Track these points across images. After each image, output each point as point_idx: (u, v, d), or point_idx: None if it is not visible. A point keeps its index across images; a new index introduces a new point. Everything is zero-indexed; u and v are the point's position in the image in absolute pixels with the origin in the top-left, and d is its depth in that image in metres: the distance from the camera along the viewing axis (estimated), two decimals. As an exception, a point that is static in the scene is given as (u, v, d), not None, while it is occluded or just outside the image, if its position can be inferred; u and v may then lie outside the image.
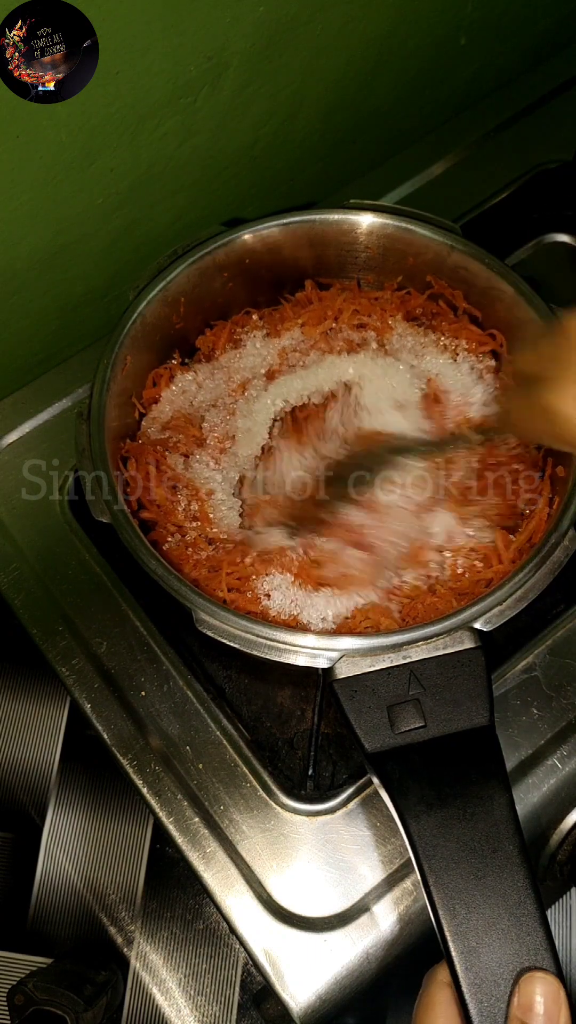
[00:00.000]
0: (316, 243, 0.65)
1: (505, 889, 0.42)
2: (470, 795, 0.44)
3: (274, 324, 0.67)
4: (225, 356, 0.66)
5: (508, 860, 0.43)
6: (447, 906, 0.42)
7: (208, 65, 0.63)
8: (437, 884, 0.42)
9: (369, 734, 0.47)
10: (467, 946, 0.41)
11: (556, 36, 0.88)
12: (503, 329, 0.63)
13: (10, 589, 0.61)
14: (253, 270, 0.65)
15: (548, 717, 0.56)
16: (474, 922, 0.41)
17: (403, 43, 0.76)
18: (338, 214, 0.64)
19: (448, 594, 0.56)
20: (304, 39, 0.68)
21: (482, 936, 0.41)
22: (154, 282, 0.61)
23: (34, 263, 0.67)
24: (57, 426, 0.68)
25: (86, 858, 0.74)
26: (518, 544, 0.56)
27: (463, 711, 0.47)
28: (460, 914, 0.42)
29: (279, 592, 0.56)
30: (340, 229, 0.64)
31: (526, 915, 0.41)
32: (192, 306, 0.64)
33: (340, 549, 0.58)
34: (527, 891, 0.42)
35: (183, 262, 0.62)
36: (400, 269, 0.66)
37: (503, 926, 0.41)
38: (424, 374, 0.64)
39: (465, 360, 0.64)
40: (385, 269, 0.66)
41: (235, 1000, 0.70)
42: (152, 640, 0.59)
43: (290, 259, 0.66)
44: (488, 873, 0.42)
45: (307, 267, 0.67)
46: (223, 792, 0.55)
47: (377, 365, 0.64)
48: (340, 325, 0.66)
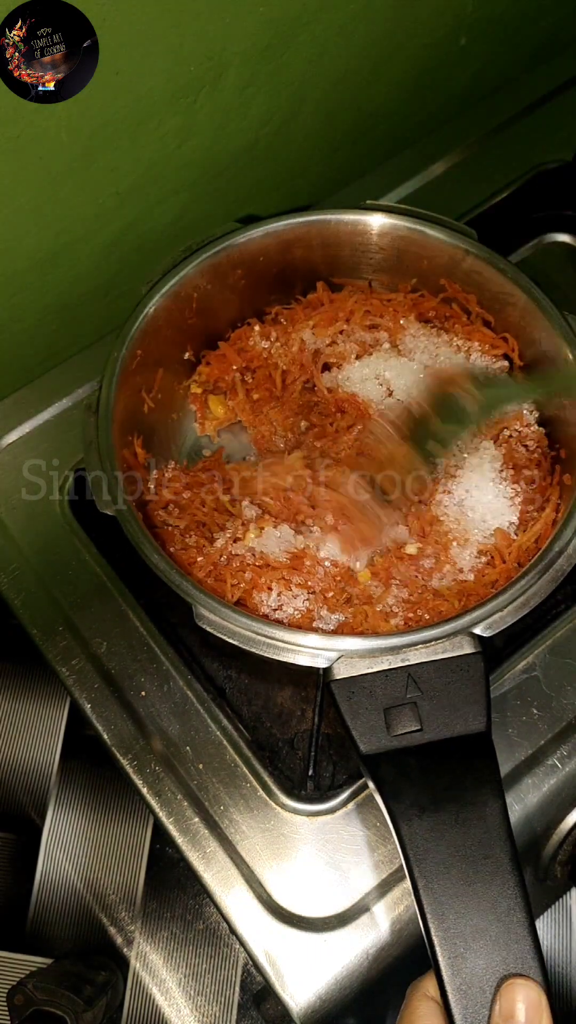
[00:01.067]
0: (330, 243, 0.65)
1: (495, 896, 0.42)
2: (463, 800, 0.44)
3: (283, 329, 0.67)
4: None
5: (499, 867, 0.42)
6: (436, 911, 0.42)
7: (208, 65, 0.63)
8: (427, 889, 0.42)
9: (365, 735, 0.47)
10: (454, 952, 0.41)
11: (556, 36, 0.89)
12: (515, 334, 0.63)
13: (10, 589, 0.61)
14: (266, 268, 0.65)
15: (548, 717, 0.56)
16: (462, 928, 0.41)
17: (403, 43, 0.76)
18: (354, 215, 0.64)
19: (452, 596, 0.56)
20: (304, 39, 0.68)
21: (470, 942, 0.41)
22: (167, 277, 0.61)
23: (34, 263, 0.67)
24: (58, 426, 0.68)
25: (86, 858, 0.74)
26: (521, 543, 0.56)
27: (460, 716, 0.47)
28: (449, 919, 0.41)
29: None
30: (355, 230, 0.64)
31: (515, 923, 0.41)
32: (205, 302, 0.64)
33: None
34: (516, 899, 0.42)
35: (197, 258, 0.61)
36: (414, 271, 0.66)
37: (491, 933, 0.41)
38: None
39: (478, 361, 0.64)
40: (399, 271, 0.66)
41: (235, 1000, 0.70)
42: (152, 640, 0.59)
43: (304, 258, 0.66)
44: (478, 879, 0.42)
45: (321, 267, 0.67)
46: (223, 792, 0.55)
47: (391, 365, 0.64)
48: (352, 327, 0.66)
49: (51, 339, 0.75)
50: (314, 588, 0.56)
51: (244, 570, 0.56)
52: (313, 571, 0.57)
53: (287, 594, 0.56)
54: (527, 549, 0.56)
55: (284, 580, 0.56)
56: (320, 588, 0.56)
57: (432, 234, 0.63)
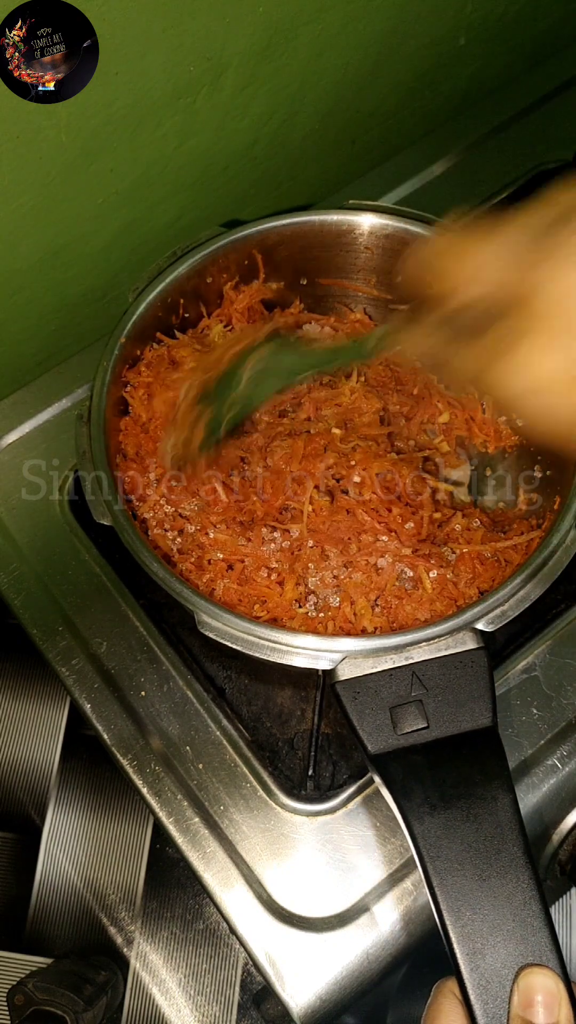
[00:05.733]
0: (316, 244, 0.65)
1: (509, 890, 0.42)
2: (474, 796, 0.44)
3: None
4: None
5: (512, 861, 0.43)
6: (452, 908, 0.42)
7: (208, 65, 0.63)
8: (441, 886, 0.42)
9: (372, 736, 0.47)
10: (472, 948, 0.41)
11: (556, 36, 0.89)
12: None
13: (10, 589, 0.61)
14: (253, 272, 0.65)
15: (548, 717, 0.56)
16: (479, 924, 0.41)
17: (403, 43, 0.76)
18: (338, 215, 0.64)
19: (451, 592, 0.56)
20: (304, 39, 0.68)
21: (487, 938, 0.41)
22: (153, 284, 0.61)
23: (34, 263, 0.67)
24: (57, 426, 0.68)
25: (86, 858, 0.74)
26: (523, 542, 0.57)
27: (466, 712, 0.47)
28: (465, 916, 0.41)
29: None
30: (340, 230, 0.64)
31: (531, 916, 0.41)
32: (192, 308, 0.64)
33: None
34: (532, 892, 0.42)
35: (182, 264, 0.62)
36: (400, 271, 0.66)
37: (508, 927, 0.41)
38: None
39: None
40: (385, 270, 0.66)
41: (235, 1000, 0.70)
42: (152, 640, 0.59)
43: (290, 260, 0.66)
44: (492, 874, 0.42)
45: (307, 268, 0.67)
46: (223, 792, 0.55)
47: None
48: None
49: (51, 339, 0.75)
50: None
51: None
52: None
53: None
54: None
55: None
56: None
57: (418, 232, 0.63)
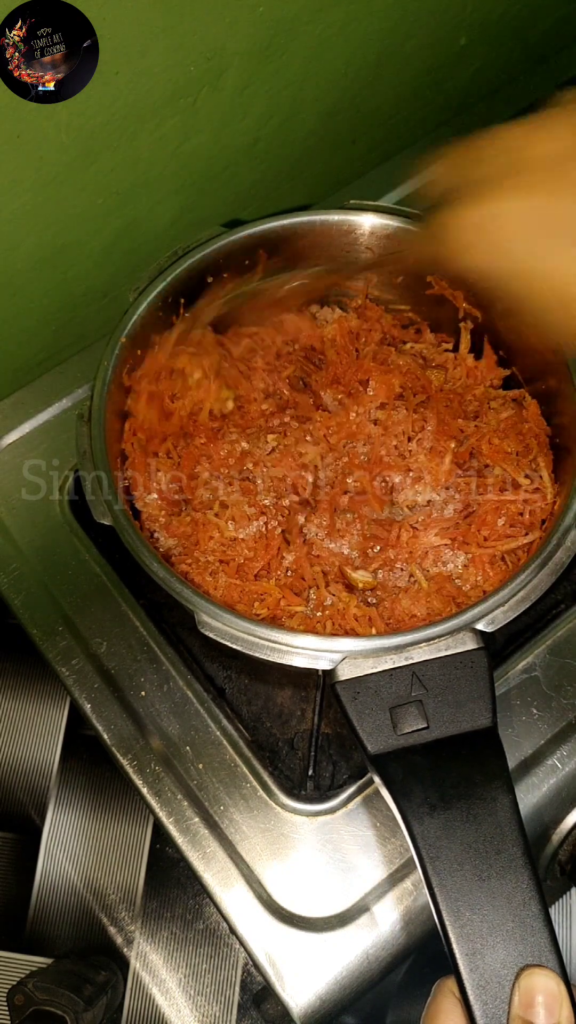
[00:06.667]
0: (317, 244, 0.65)
1: (509, 891, 0.42)
2: (473, 797, 0.44)
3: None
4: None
5: (512, 862, 0.43)
6: (451, 908, 0.42)
7: (208, 65, 0.63)
8: (441, 886, 0.42)
9: (372, 736, 0.47)
10: (471, 948, 0.41)
11: (556, 36, 0.88)
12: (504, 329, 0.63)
13: (10, 589, 0.61)
14: (253, 271, 0.65)
15: (548, 717, 0.56)
16: (478, 924, 0.41)
17: (403, 43, 0.76)
18: (339, 215, 0.64)
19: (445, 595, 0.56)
20: (304, 39, 0.68)
21: (486, 938, 0.41)
22: (154, 283, 0.61)
23: (34, 263, 0.67)
24: (57, 426, 0.68)
25: (86, 858, 0.74)
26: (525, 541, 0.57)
27: (466, 712, 0.47)
28: (464, 916, 0.42)
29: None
30: (340, 230, 0.64)
31: (530, 916, 0.41)
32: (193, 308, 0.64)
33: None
34: (531, 892, 0.42)
35: (183, 263, 0.62)
36: (401, 270, 0.66)
37: (507, 928, 0.41)
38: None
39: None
40: (386, 270, 0.66)
41: (235, 1000, 0.70)
42: (152, 640, 0.59)
43: (291, 260, 0.66)
44: (492, 875, 0.42)
45: (308, 268, 0.67)
46: (223, 792, 0.55)
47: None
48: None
49: (51, 339, 0.74)
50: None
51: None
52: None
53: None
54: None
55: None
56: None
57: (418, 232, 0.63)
